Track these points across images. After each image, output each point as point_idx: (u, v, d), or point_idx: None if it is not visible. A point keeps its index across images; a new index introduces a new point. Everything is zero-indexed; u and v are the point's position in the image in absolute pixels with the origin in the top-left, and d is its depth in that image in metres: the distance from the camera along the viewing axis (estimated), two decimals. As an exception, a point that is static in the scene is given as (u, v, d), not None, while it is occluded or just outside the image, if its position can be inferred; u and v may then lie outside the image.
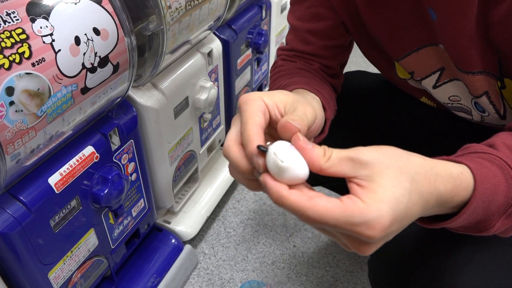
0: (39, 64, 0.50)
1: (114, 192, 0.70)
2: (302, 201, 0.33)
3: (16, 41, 0.48)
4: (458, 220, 0.39)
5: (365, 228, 0.32)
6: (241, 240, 1.13)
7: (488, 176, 0.39)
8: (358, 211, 0.32)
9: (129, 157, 0.77)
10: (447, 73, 0.60)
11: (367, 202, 0.32)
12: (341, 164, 0.34)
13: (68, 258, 0.68)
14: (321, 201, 0.32)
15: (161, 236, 1.01)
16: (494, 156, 0.41)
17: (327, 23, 0.64)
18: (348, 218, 0.32)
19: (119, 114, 0.73)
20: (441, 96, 0.64)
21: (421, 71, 0.62)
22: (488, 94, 0.56)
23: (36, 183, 0.59)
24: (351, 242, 0.35)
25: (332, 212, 0.32)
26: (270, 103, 0.39)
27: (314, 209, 0.32)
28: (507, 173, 0.40)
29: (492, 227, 0.41)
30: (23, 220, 0.57)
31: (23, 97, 0.49)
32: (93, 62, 0.57)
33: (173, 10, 0.72)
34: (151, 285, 0.92)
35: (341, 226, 0.32)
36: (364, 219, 0.32)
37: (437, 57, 0.58)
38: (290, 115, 0.38)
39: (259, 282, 1.02)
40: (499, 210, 0.40)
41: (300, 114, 0.39)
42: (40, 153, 0.57)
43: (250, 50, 1.18)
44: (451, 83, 0.61)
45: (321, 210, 0.32)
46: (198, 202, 1.11)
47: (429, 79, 0.62)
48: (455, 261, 0.52)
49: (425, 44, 0.58)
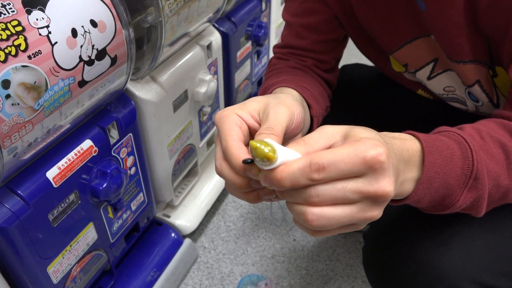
0: (36, 57, 0.49)
1: (113, 186, 0.70)
2: (306, 160, 0.32)
3: (11, 33, 0.47)
4: (419, 193, 0.40)
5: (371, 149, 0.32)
6: (241, 234, 1.13)
7: (440, 148, 0.41)
8: (357, 142, 0.33)
9: (128, 150, 0.76)
10: (440, 64, 0.60)
11: (357, 140, 0.33)
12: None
13: (67, 252, 0.68)
14: (323, 151, 0.33)
15: (160, 230, 1.01)
16: (454, 133, 0.43)
17: (320, 17, 0.64)
18: (353, 149, 0.32)
19: (117, 107, 0.73)
20: (436, 87, 0.64)
21: (415, 63, 0.62)
22: (480, 83, 0.56)
23: (34, 177, 0.59)
24: (365, 186, 0.33)
25: (337, 150, 0.32)
26: (244, 115, 0.40)
27: (319, 155, 0.32)
28: (463, 146, 0.42)
29: (457, 201, 0.42)
30: (21, 214, 0.57)
31: (19, 90, 0.48)
32: (90, 54, 0.56)
33: (171, 2, 0.71)
34: (151, 279, 0.92)
35: (350, 160, 0.32)
36: (366, 144, 0.32)
37: (429, 48, 0.59)
38: (260, 131, 0.38)
39: (259, 276, 1.02)
40: (459, 183, 0.42)
41: (272, 121, 0.39)
42: (38, 147, 0.56)
43: (250, 43, 1.17)
44: (445, 74, 0.61)
45: (325, 153, 0.32)
46: (197, 196, 1.11)
47: (423, 71, 0.62)
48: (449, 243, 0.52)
49: (417, 36, 0.58)
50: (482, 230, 0.53)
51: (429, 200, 0.42)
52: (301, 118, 0.44)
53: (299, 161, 0.32)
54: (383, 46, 0.64)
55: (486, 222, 0.53)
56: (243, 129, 0.39)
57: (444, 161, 0.41)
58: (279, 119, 0.39)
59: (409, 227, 0.56)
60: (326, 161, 0.32)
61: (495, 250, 0.52)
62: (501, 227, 0.54)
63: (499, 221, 0.54)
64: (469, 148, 0.42)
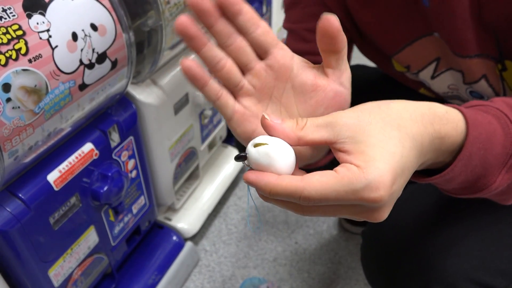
0: (36, 61, 0.50)
1: (114, 189, 0.70)
2: (294, 183, 0.30)
3: (12, 37, 0.48)
4: (455, 170, 0.37)
5: (369, 191, 0.29)
6: (242, 237, 1.13)
7: (482, 122, 0.37)
8: (355, 177, 0.30)
9: (129, 154, 0.76)
10: (443, 62, 0.59)
11: (361, 165, 0.30)
12: (318, 130, 0.33)
13: (68, 256, 0.68)
14: (314, 177, 0.30)
15: (162, 233, 1.01)
16: (490, 107, 0.40)
17: None
18: (347, 186, 0.30)
19: (118, 110, 0.73)
20: (440, 86, 0.63)
21: (417, 63, 0.62)
22: (487, 77, 0.56)
23: (35, 181, 0.59)
24: (359, 212, 0.32)
25: (329, 185, 0.30)
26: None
27: (310, 187, 0.30)
28: (503, 122, 0.38)
29: (493, 183, 0.39)
30: (22, 217, 0.57)
31: (20, 93, 0.48)
32: (90, 58, 0.57)
33: (171, 5, 0.71)
34: (152, 282, 0.92)
35: (343, 197, 0.30)
36: (364, 182, 0.29)
37: (432, 48, 0.58)
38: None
39: (260, 279, 1.02)
40: (498, 161, 0.38)
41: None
42: (39, 150, 0.57)
43: (250, 46, 1.18)
44: (449, 72, 0.60)
45: (317, 186, 0.30)
46: (199, 199, 1.11)
47: (426, 71, 0.62)
48: (446, 241, 0.52)
49: (418, 36, 0.58)
50: (479, 230, 0.53)
51: (462, 180, 0.39)
52: None
53: (287, 184, 0.31)
54: (384, 49, 0.63)
55: (483, 221, 0.53)
56: None
57: (487, 136, 0.37)
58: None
59: (407, 226, 0.56)
60: (316, 195, 0.30)
61: (492, 249, 0.52)
62: (498, 227, 0.54)
63: (496, 220, 0.54)
64: (510, 123, 0.38)
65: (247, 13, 0.35)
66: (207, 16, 0.35)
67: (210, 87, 0.37)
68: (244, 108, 0.38)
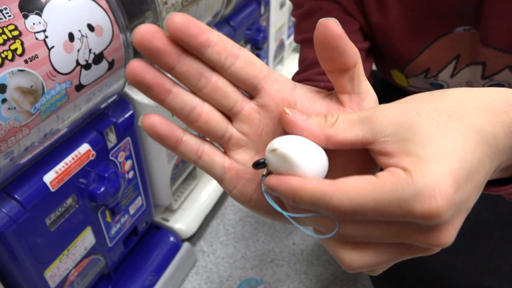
0: (32, 61, 0.49)
1: (110, 190, 0.70)
2: (322, 186, 0.24)
3: (8, 38, 0.47)
4: None
5: (421, 201, 0.22)
6: (240, 238, 1.13)
7: None
8: (401, 182, 0.22)
9: (126, 154, 0.76)
10: (463, 58, 0.58)
11: (409, 168, 0.23)
12: (352, 127, 0.26)
13: (65, 257, 0.67)
14: (349, 181, 0.23)
15: (159, 234, 1.00)
16: None
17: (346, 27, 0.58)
18: (390, 194, 0.22)
19: (115, 111, 0.73)
20: (458, 83, 0.62)
21: (436, 65, 0.60)
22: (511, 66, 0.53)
23: (31, 181, 0.59)
24: (412, 234, 0.24)
25: (366, 191, 0.23)
26: None
27: (342, 193, 0.23)
28: None
29: None
30: (18, 218, 0.57)
31: (16, 94, 0.48)
32: (87, 59, 0.57)
33: (169, 6, 0.71)
34: (149, 283, 0.92)
35: (385, 210, 0.23)
36: (413, 189, 0.22)
37: (452, 45, 0.56)
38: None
39: (257, 280, 1.02)
40: None
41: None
42: (35, 151, 0.56)
43: (249, 47, 1.18)
44: (468, 68, 0.59)
45: (350, 192, 0.23)
46: (196, 199, 1.10)
47: (446, 70, 0.60)
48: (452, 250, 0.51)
49: (438, 36, 0.56)
50: (488, 236, 0.53)
51: None
52: None
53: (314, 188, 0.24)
54: (401, 57, 0.60)
55: (491, 228, 0.53)
56: None
57: None
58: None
59: None
60: (349, 205, 0.23)
61: (500, 256, 0.52)
62: (507, 233, 0.53)
63: (504, 227, 0.54)
64: None
65: (218, 43, 0.26)
66: (162, 57, 0.26)
67: (185, 146, 0.29)
68: (238, 164, 0.30)
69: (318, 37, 0.26)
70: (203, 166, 0.30)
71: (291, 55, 1.64)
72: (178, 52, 0.26)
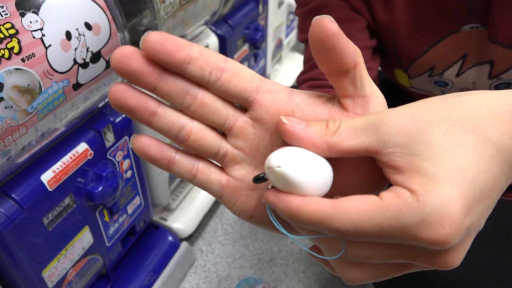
0: (29, 60, 0.49)
1: (108, 189, 0.69)
2: (322, 209, 0.23)
3: (5, 36, 0.47)
4: None
5: (427, 229, 0.21)
6: (238, 237, 1.13)
7: None
8: (406, 207, 0.21)
9: (124, 154, 0.76)
10: (470, 58, 0.57)
11: (417, 191, 0.21)
12: (357, 134, 0.24)
13: (63, 257, 0.67)
14: (350, 202, 0.22)
15: (157, 234, 1.00)
16: None
17: (354, 25, 0.57)
18: (394, 220, 0.21)
19: (113, 110, 0.72)
20: (464, 82, 0.61)
21: (442, 63, 0.59)
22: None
23: (28, 181, 0.59)
24: (418, 256, 0.23)
25: (369, 216, 0.22)
26: None
27: (343, 216, 0.22)
28: None
29: None
30: (16, 218, 0.57)
31: (12, 93, 0.48)
32: (85, 57, 0.56)
33: (167, 4, 0.71)
34: (148, 283, 0.92)
35: (388, 235, 0.22)
36: (420, 216, 0.21)
37: (459, 44, 0.56)
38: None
39: (256, 279, 1.02)
40: None
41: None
42: (32, 150, 0.56)
43: (247, 46, 1.17)
44: (474, 69, 0.58)
45: (352, 216, 0.22)
46: (195, 199, 1.10)
47: (451, 69, 0.60)
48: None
49: (445, 35, 0.55)
50: (493, 239, 0.52)
51: None
52: None
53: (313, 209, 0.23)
54: (406, 55, 0.59)
55: (496, 231, 0.52)
56: None
57: None
58: None
59: None
60: (351, 229, 0.22)
61: (505, 259, 0.52)
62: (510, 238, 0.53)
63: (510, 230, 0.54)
64: None
65: (199, 57, 0.25)
66: (141, 79, 0.25)
67: (178, 166, 0.28)
68: (236, 180, 0.29)
69: (312, 36, 0.25)
70: (200, 184, 0.28)
71: (289, 54, 1.64)
72: (157, 71, 0.25)
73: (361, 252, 0.24)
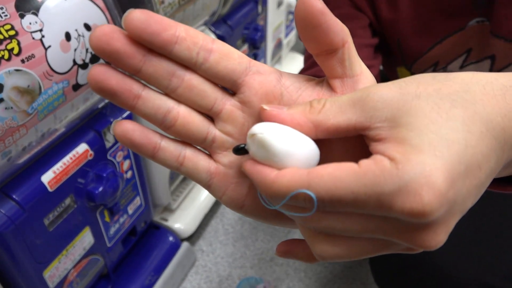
0: (29, 61, 0.49)
1: (109, 190, 0.70)
2: (297, 177, 0.21)
3: (4, 37, 0.47)
4: None
5: (404, 198, 0.19)
6: (239, 237, 1.13)
7: None
8: (384, 174, 0.19)
9: (124, 154, 0.76)
10: (474, 53, 0.57)
11: (397, 158, 0.20)
12: (343, 111, 0.23)
13: (64, 257, 0.67)
14: (326, 169, 0.21)
15: (158, 234, 1.00)
16: None
17: (356, 23, 0.57)
18: (370, 187, 0.20)
19: (113, 111, 0.73)
20: None
21: (446, 59, 0.59)
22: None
23: (29, 182, 0.59)
24: (397, 232, 0.21)
25: (344, 182, 0.20)
26: None
27: (318, 183, 0.20)
28: None
29: None
30: (17, 219, 0.57)
31: (12, 94, 0.48)
32: (84, 58, 0.56)
33: (166, 5, 0.71)
34: (149, 283, 0.92)
35: (364, 204, 0.20)
36: (397, 183, 0.19)
37: (464, 41, 0.56)
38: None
39: (257, 279, 1.02)
40: None
41: None
42: (32, 151, 0.56)
43: (246, 46, 1.18)
44: (477, 65, 0.58)
45: (328, 182, 0.20)
46: (195, 199, 1.10)
47: (456, 62, 0.59)
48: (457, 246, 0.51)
49: (450, 33, 0.55)
50: (491, 235, 0.53)
51: None
52: None
53: (289, 180, 0.22)
54: (411, 52, 0.59)
55: (497, 226, 0.53)
56: None
57: None
58: None
59: None
60: (326, 196, 0.21)
61: (503, 255, 0.52)
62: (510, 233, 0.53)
63: (508, 226, 0.54)
64: None
65: (186, 37, 0.23)
66: (125, 60, 0.23)
67: (164, 153, 0.26)
68: (225, 168, 0.27)
69: (298, 15, 0.24)
70: (187, 173, 0.27)
71: (289, 54, 1.64)
72: (142, 52, 0.23)
73: (336, 224, 0.22)
